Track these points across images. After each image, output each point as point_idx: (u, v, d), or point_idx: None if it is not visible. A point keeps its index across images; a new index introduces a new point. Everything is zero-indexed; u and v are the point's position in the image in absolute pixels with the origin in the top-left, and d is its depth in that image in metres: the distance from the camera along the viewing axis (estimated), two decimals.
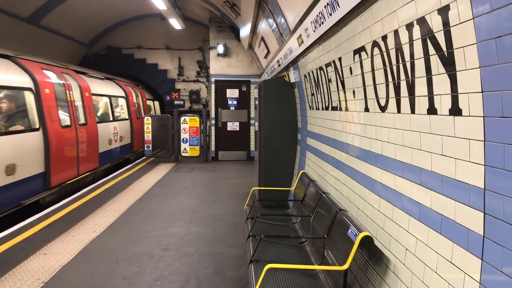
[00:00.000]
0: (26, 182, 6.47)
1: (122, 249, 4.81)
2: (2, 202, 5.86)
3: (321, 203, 3.98)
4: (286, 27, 5.79)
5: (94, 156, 9.43)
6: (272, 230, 4.43)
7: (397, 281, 2.53)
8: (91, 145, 9.16)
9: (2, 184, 5.83)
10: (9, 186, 6.02)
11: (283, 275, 3.14)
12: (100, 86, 10.97)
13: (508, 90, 1.54)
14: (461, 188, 1.91)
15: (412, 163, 2.46)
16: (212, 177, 9.69)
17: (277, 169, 6.67)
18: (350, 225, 2.94)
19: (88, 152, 8.98)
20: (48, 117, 7.16)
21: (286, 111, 6.67)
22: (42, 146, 6.99)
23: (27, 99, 6.81)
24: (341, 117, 4.09)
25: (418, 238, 2.35)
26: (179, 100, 16.78)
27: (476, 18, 1.67)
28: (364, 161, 3.39)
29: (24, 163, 6.39)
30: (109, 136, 10.67)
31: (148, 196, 7.55)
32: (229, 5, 9.68)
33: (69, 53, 14.69)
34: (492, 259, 1.67)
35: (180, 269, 4.29)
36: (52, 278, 4.01)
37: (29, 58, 7.57)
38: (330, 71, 4.17)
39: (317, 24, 3.95)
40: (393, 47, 2.55)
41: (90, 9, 13.18)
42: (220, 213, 6.44)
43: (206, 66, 16.22)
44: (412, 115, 2.42)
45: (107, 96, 11.12)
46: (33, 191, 6.73)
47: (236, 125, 12.32)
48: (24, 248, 4.80)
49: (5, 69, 6.54)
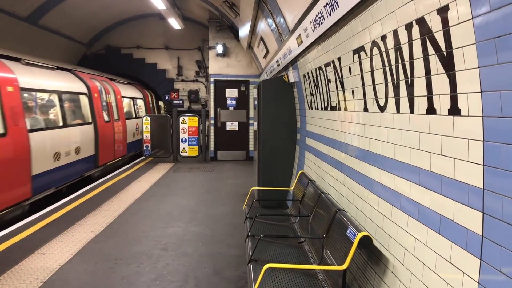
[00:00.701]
0: (85, 160, 9.06)
1: (120, 249, 4.81)
2: (74, 172, 8.56)
3: (320, 203, 3.98)
4: (285, 27, 5.79)
5: (124, 145, 11.92)
6: (271, 230, 4.43)
7: (396, 281, 2.53)
8: (122, 136, 11.63)
9: (74, 160, 8.42)
10: (77, 161, 8.63)
11: (282, 275, 3.14)
12: (125, 90, 13.29)
13: (507, 90, 1.54)
14: (460, 188, 1.92)
15: (411, 163, 2.46)
16: (211, 177, 9.69)
17: (276, 169, 6.67)
18: (349, 225, 2.95)
19: (120, 142, 11.47)
20: (97, 114, 9.77)
21: (285, 111, 6.67)
22: (93, 136, 9.56)
23: (83, 101, 9.39)
24: (340, 117, 4.09)
25: (417, 238, 2.35)
26: (178, 100, 16.77)
27: (475, 18, 1.67)
28: (363, 161, 3.39)
29: (84, 147, 8.99)
30: (133, 130, 13.11)
31: (147, 196, 7.55)
32: (228, 5, 9.68)
33: (68, 52, 14.68)
34: (491, 259, 1.68)
35: (178, 269, 4.29)
36: (50, 277, 4.01)
37: (82, 70, 10.19)
38: (329, 71, 4.17)
39: (316, 24, 3.95)
40: (392, 47, 2.55)
41: (89, 9, 13.17)
42: (219, 213, 6.44)
43: (205, 66, 16.22)
44: (411, 115, 2.42)
45: (131, 98, 13.55)
46: (88, 167, 9.30)
47: (235, 125, 12.31)
48: (23, 247, 4.79)
49: (69, 80, 9.01)
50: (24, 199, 6.50)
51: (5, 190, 5.89)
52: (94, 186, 8.43)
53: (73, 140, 8.45)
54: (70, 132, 8.37)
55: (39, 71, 7.74)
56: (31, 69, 7.45)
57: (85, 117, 9.34)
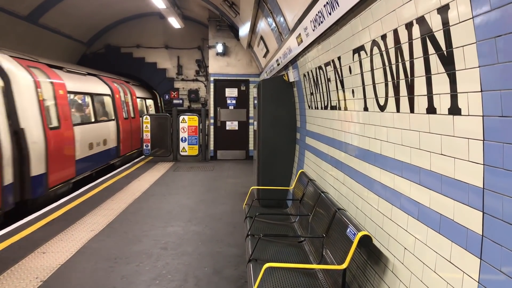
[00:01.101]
0: (110, 150, 10.72)
1: (120, 248, 4.81)
2: (102, 159, 10.21)
3: (320, 202, 3.98)
4: (285, 26, 5.79)
5: (138, 139, 13.08)
6: (271, 229, 4.43)
7: (395, 281, 2.53)
8: (137, 132, 13.04)
9: (102, 150, 10.12)
10: (105, 151, 10.32)
11: (281, 274, 3.14)
12: (138, 91, 14.91)
13: (508, 90, 1.54)
14: (460, 188, 1.91)
15: (411, 162, 2.46)
16: (211, 176, 9.69)
17: (276, 168, 6.67)
18: (349, 225, 2.94)
19: (135, 136, 12.98)
20: (118, 112, 11.54)
21: (285, 111, 6.66)
22: (116, 130, 11.26)
23: (108, 101, 11.12)
24: (340, 117, 4.09)
25: (417, 238, 2.35)
26: (178, 99, 16.76)
27: (475, 17, 1.67)
28: (363, 161, 3.39)
29: (109, 139, 10.68)
30: None
31: (147, 195, 7.55)
32: (228, 4, 9.67)
33: (68, 51, 14.67)
34: (491, 258, 1.68)
35: (178, 268, 4.29)
36: (50, 276, 4.01)
37: (105, 75, 12.08)
38: (329, 71, 4.17)
39: (316, 23, 3.95)
40: (392, 47, 2.55)
41: (89, 8, 13.15)
42: (218, 212, 6.44)
43: (205, 65, 16.21)
44: (411, 114, 2.42)
45: (143, 98, 15.28)
46: (112, 156, 11.01)
47: (235, 125, 12.31)
48: (23, 246, 4.79)
49: (97, 83, 10.75)
50: (70, 178, 8.20)
51: (60, 170, 7.61)
52: (94, 185, 8.43)
53: (101, 133, 10.16)
54: (100, 127, 10.08)
55: (76, 77, 9.46)
56: (70, 75, 9.17)
57: (109, 114, 11.11)
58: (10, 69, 6.54)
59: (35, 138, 6.70)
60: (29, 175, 6.53)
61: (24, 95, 6.63)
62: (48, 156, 7.05)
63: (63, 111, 7.91)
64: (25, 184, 6.48)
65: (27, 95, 6.70)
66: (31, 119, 6.69)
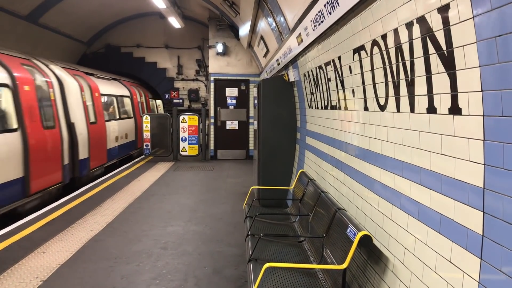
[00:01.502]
0: (130, 143, 12.52)
1: (120, 248, 4.81)
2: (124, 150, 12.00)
3: (320, 202, 3.98)
4: (285, 26, 5.78)
5: None
6: (271, 229, 4.43)
7: (396, 280, 2.53)
8: None
9: (125, 142, 11.99)
10: (126, 143, 12.19)
11: (281, 274, 3.14)
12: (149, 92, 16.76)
13: (508, 89, 1.53)
14: (461, 188, 1.91)
15: (411, 162, 2.46)
16: (211, 176, 9.68)
17: (276, 168, 6.67)
18: (349, 224, 2.94)
19: None
20: (136, 111, 13.55)
21: (285, 110, 6.66)
22: (134, 126, 13.11)
23: (128, 102, 13.03)
24: (340, 116, 4.09)
25: (417, 237, 2.35)
26: (178, 99, 16.77)
27: (476, 17, 1.67)
28: (363, 160, 3.39)
29: (129, 134, 12.56)
30: None
31: (147, 195, 7.55)
32: (228, 3, 9.67)
33: (68, 51, 14.67)
34: (491, 258, 1.67)
35: (178, 268, 4.29)
36: (50, 276, 4.01)
37: (124, 79, 14.17)
38: (330, 70, 4.17)
39: (316, 23, 3.94)
40: (392, 46, 2.55)
41: (89, 8, 13.15)
42: (218, 212, 6.44)
43: (205, 65, 16.21)
44: (412, 114, 2.42)
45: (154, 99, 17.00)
46: (132, 148, 12.87)
47: (235, 124, 12.31)
48: (23, 246, 4.79)
49: (119, 86, 12.73)
50: (103, 163, 10.19)
51: (97, 156, 9.50)
52: (94, 184, 8.43)
53: (124, 128, 12.00)
54: (123, 123, 11.97)
55: (104, 81, 11.43)
56: (100, 80, 11.11)
57: (129, 113, 12.98)
58: (63, 77, 8.30)
59: (81, 130, 8.56)
60: (78, 158, 8.39)
61: (73, 97, 8.46)
62: (89, 144, 8.96)
63: (98, 110, 9.88)
64: (75, 165, 8.33)
65: (75, 97, 8.54)
66: (78, 116, 8.53)
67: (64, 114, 7.95)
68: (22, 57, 7.35)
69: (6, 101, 6.30)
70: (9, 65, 6.51)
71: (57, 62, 8.97)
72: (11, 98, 6.30)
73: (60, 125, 7.72)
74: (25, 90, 6.63)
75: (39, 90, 7.14)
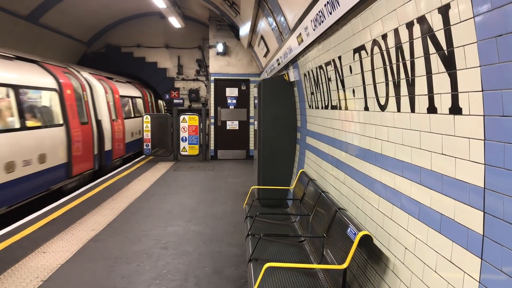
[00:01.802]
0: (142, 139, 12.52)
1: (121, 248, 4.81)
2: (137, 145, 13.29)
3: (320, 202, 3.98)
4: (285, 26, 5.78)
5: None
6: (271, 229, 4.43)
7: (396, 280, 2.53)
8: None
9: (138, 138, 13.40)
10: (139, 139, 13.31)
11: (282, 274, 3.13)
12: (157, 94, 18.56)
13: (508, 89, 1.53)
14: (461, 187, 1.91)
15: (411, 162, 2.46)
16: (211, 176, 9.68)
17: (276, 168, 6.66)
18: (349, 224, 2.94)
19: None
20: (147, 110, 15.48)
21: (286, 110, 6.66)
22: None
23: (140, 102, 14.81)
24: (341, 116, 4.09)
25: (418, 237, 2.34)
26: (179, 99, 16.76)
27: (476, 16, 1.67)
28: (363, 160, 3.39)
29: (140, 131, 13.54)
30: None
31: (147, 195, 7.55)
32: (228, 3, 9.66)
33: (69, 51, 14.67)
34: (492, 258, 1.67)
35: (179, 267, 4.29)
36: (51, 276, 4.01)
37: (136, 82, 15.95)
38: (330, 70, 4.17)
39: (317, 23, 3.94)
40: (393, 46, 2.55)
41: (89, 7, 13.15)
42: (219, 212, 6.44)
43: (206, 65, 16.20)
44: (412, 114, 2.41)
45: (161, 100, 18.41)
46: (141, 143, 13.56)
47: (236, 124, 12.31)
48: (23, 246, 4.79)
49: (134, 88, 14.53)
50: (122, 155, 11.76)
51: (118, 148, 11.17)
52: (95, 184, 8.44)
53: (137, 126, 13.32)
54: (137, 121, 13.45)
55: (121, 85, 13.13)
56: (118, 83, 12.75)
57: (141, 112, 14.46)
58: (91, 81, 10.03)
59: (106, 126, 10.19)
60: (104, 150, 9.97)
61: (100, 98, 10.13)
62: (112, 138, 10.58)
63: (118, 109, 11.54)
64: (101, 156, 9.89)
65: (101, 98, 10.20)
66: (104, 113, 10.19)
67: (94, 112, 9.63)
68: (62, 66, 8.99)
69: (54, 103, 7.88)
70: (56, 73, 8.13)
71: (85, 69, 10.79)
72: (58, 100, 7.94)
73: (91, 121, 9.39)
74: (67, 93, 8.30)
75: (76, 93, 8.79)
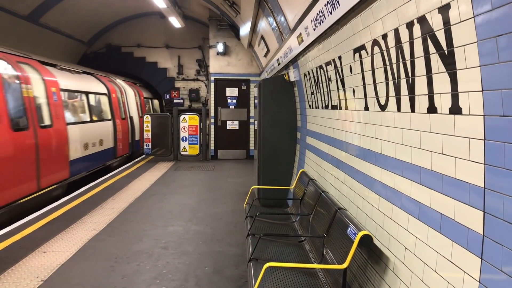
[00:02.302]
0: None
1: (121, 248, 4.81)
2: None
3: (321, 202, 3.98)
4: (286, 26, 5.78)
5: None
6: (271, 228, 4.43)
7: (396, 280, 2.53)
8: None
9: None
10: None
11: (282, 273, 3.14)
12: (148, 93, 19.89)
13: (509, 89, 1.53)
14: (461, 187, 1.91)
15: (412, 162, 2.46)
16: (211, 175, 9.69)
17: (276, 168, 6.66)
18: (350, 224, 2.94)
19: None
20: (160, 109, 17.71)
21: (286, 110, 6.66)
22: None
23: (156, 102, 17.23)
24: (341, 116, 4.09)
25: (418, 237, 2.35)
26: (179, 99, 16.77)
27: (476, 16, 1.67)
28: (363, 160, 3.39)
29: None
30: None
31: (147, 195, 7.55)
32: (228, 3, 9.67)
33: (69, 51, 14.68)
34: (492, 258, 1.67)
35: (179, 267, 4.29)
36: (51, 276, 4.01)
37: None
38: (330, 70, 4.17)
39: (317, 23, 3.94)
40: (393, 46, 2.55)
41: (89, 7, 13.16)
42: (219, 212, 6.44)
43: (206, 64, 16.20)
44: (412, 114, 2.42)
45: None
46: None
47: (236, 124, 12.31)
48: (23, 246, 4.80)
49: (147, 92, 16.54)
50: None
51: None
52: (95, 184, 8.44)
53: None
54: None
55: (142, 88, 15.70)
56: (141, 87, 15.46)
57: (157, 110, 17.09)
58: (125, 87, 12.89)
59: (135, 121, 13.05)
60: (134, 139, 12.84)
61: (131, 100, 13.04)
62: (140, 131, 13.16)
63: (143, 108, 14.35)
64: (133, 144, 12.67)
65: (132, 100, 13.13)
66: (133, 112, 13.06)
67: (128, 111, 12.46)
68: (105, 76, 11.79)
69: (105, 103, 10.81)
70: (104, 82, 11.13)
71: (119, 77, 13.60)
72: (107, 101, 10.90)
73: (127, 118, 12.27)
74: (113, 96, 11.28)
75: (118, 96, 11.66)
